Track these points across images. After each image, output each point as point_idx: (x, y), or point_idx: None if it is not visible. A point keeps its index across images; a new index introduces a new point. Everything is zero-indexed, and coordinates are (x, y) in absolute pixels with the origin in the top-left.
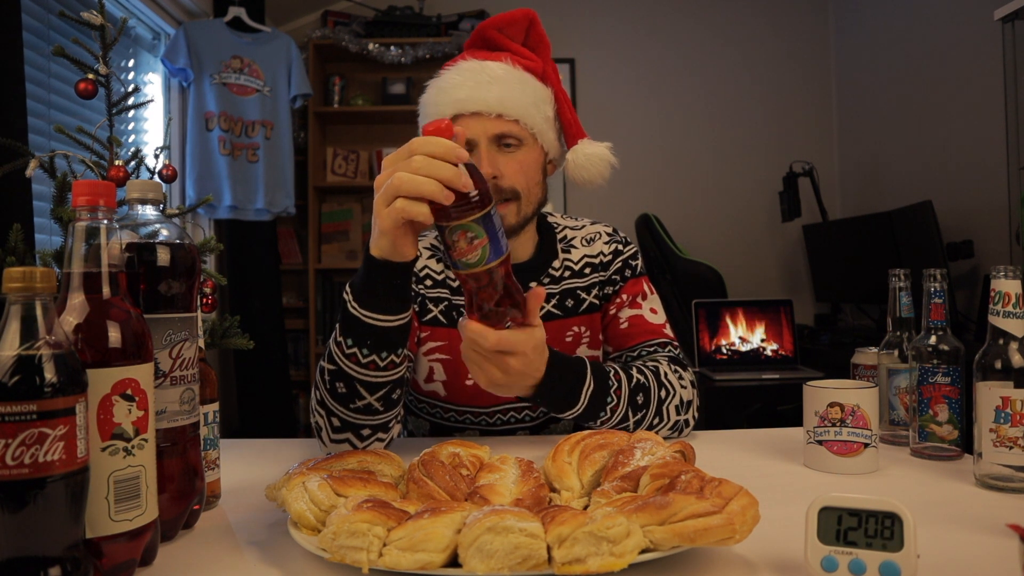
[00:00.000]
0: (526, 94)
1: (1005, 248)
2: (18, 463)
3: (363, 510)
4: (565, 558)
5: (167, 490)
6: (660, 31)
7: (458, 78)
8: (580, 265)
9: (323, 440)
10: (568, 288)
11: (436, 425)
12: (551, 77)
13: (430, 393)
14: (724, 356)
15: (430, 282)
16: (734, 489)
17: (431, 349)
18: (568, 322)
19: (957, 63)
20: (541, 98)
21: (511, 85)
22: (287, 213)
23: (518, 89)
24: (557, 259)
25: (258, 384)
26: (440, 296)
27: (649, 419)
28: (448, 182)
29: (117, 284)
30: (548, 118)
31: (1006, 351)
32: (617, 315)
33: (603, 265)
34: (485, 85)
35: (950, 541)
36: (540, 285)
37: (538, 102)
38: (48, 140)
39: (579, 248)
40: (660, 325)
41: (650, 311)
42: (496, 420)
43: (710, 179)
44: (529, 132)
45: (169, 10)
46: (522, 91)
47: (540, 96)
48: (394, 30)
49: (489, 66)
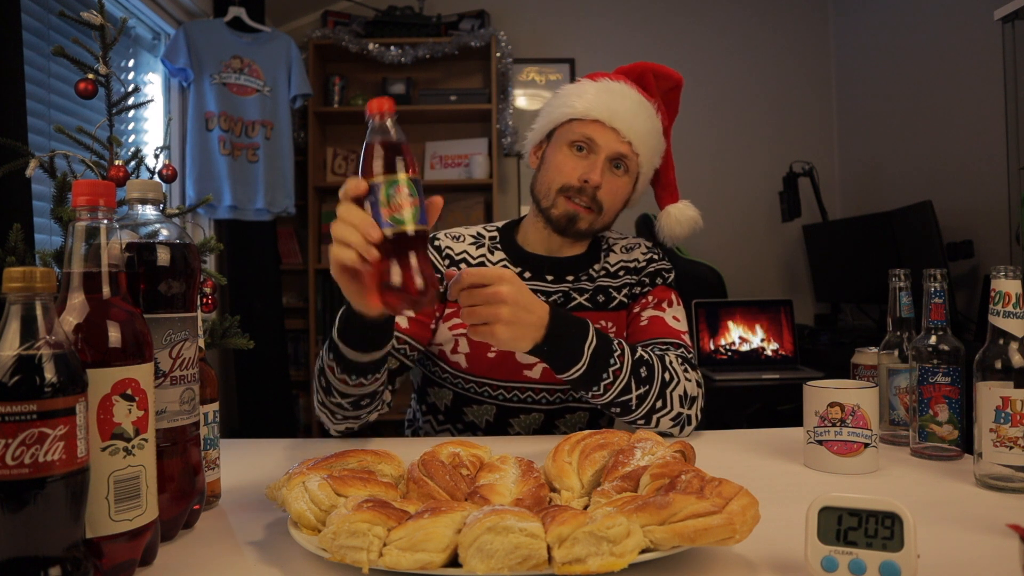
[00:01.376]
0: (653, 137)
1: (1005, 248)
2: (18, 463)
3: (363, 510)
4: (565, 558)
5: (167, 490)
6: (660, 31)
7: (618, 92)
8: (616, 268)
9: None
10: (601, 286)
11: (458, 395)
12: (669, 138)
13: (454, 364)
14: (724, 356)
15: (464, 266)
16: (734, 489)
17: (456, 324)
18: (597, 315)
19: (957, 63)
20: (659, 147)
21: (650, 126)
22: (287, 213)
23: (653, 132)
24: (598, 263)
25: (258, 384)
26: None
27: (652, 399)
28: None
29: (117, 284)
30: (654, 166)
31: (1006, 351)
32: (640, 313)
33: (636, 270)
34: (635, 113)
35: (950, 541)
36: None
37: (656, 149)
38: (48, 140)
39: (617, 254)
40: (679, 331)
41: (672, 318)
42: (513, 396)
43: (710, 179)
44: (637, 168)
45: (169, 10)
46: (654, 135)
47: (659, 146)
48: (394, 30)
49: (644, 101)
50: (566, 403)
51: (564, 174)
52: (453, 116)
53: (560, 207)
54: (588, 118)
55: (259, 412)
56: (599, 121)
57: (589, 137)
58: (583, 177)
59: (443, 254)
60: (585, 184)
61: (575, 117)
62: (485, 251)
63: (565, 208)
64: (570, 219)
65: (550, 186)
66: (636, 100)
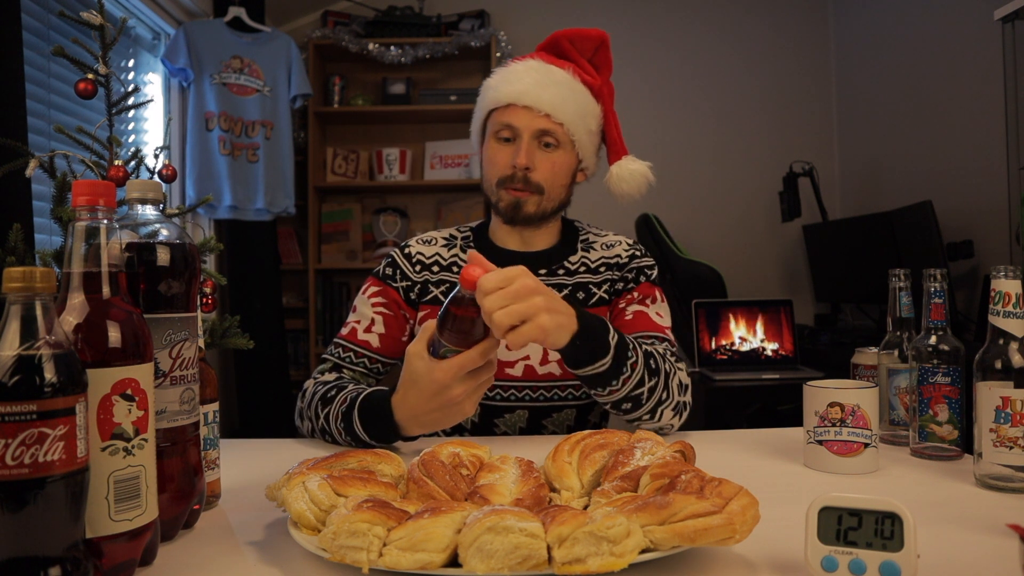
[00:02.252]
0: (577, 104)
1: (1005, 248)
2: (18, 463)
3: (363, 510)
4: (565, 558)
5: (167, 490)
6: (660, 31)
7: (523, 71)
8: (596, 264)
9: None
10: (581, 282)
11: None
12: (605, 97)
13: None
14: (724, 356)
15: (437, 268)
16: (734, 489)
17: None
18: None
19: (957, 63)
20: (590, 111)
21: (566, 92)
22: (287, 213)
23: (571, 98)
24: (575, 255)
25: (258, 384)
26: (444, 279)
27: (659, 392)
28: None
29: (117, 284)
30: (591, 132)
31: (1006, 351)
32: (624, 308)
33: (618, 266)
34: (543, 85)
35: (950, 541)
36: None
37: (586, 115)
38: (48, 140)
39: (598, 250)
40: (663, 327)
41: (656, 314)
42: (496, 395)
43: (710, 179)
44: (569, 137)
45: (169, 10)
46: (574, 100)
47: (589, 110)
48: (394, 30)
49: (553, 70)
50: (551, 401)
51: (497, 166)
52: (453, 116)
53: (504, 199)
54: (501, 105)
55: (259, 412)
56: (513, 104)
57: (507, 123)
58: (512, 163)
59: (413, 260)
60: (515, 170)
61: (492, 108)
62: (457, 251)
63: (508, 198)
64: (515, 207)
65: (490, 181)
66: (545, 72)
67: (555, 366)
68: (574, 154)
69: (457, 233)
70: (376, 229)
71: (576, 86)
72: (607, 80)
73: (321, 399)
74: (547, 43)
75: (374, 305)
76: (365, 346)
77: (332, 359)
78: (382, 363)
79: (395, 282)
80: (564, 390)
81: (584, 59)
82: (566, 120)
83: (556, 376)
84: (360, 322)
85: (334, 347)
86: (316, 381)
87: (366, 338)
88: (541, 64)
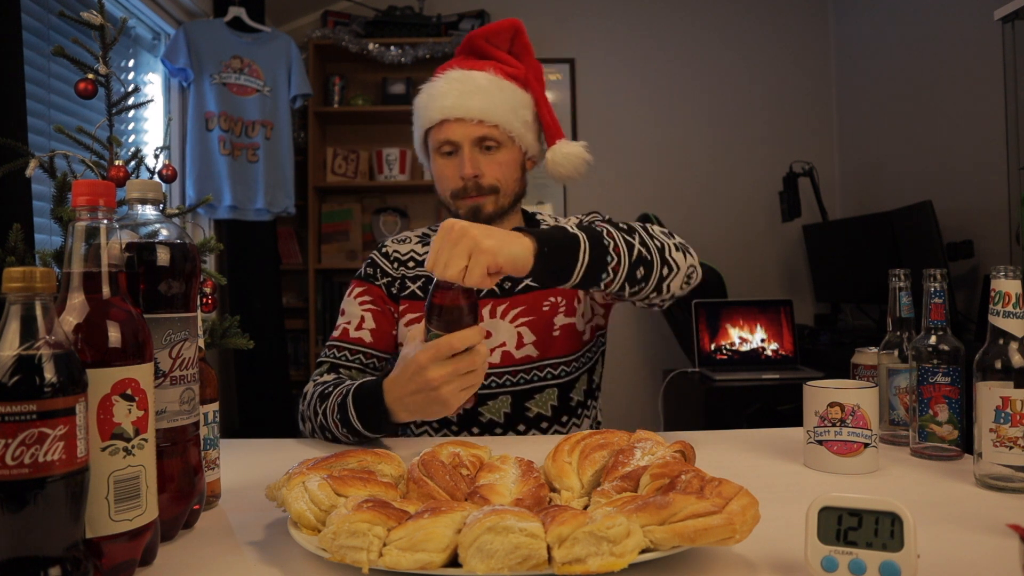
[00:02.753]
0: (506, 101)
1: (1005, 248)
2: (18, 463)
3: (363, 510)
4: (565, 558)
5: (167, 490)
6: (660, 31)
7: (445, 86)
8: None
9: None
10: None
11: None
12: (532, 83)
13: None
14: (724, 356)
15: (412, 264)
16: (734, 489)
17: (411, 321)
18: (545, 293)
19: (957, 63)
20: (521, 103)
21: (493, 93)
22: (287, 213)
23: (499, 97)
24: None
25: (258, 384)
26: (419, 274)
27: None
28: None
29: (117, 284)
30: (527, 121)
31: (1006, 351)
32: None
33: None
34: (469, 94)
35: (950, 541)
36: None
37: (517, 107)
38: (48, 140)
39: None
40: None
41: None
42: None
43: (710, 179)
44: (508, 135)
45: (169, 10)
46: (503, 98)
47: (520, 102)
48: (394, 30)
49: (474, 76)
50: (531, 383)
51: (447, 180)
52: None
53: (462, 207)
54: (435, 124)
55: (259, 412)
56: (445, 120)
57: (445, 139)
58: (459, 176)
59: (391, 258)
60: (465, 180)
61: (428, 128)
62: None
63: (465, 207)
64: (474, 212)
65: (444, 195)
66: (467, 80)
67: (531, 348)
68: (516, 148)
69: (430, 232)
70: (376, 229)
71: (501, 83)
72: (531, 64)
73: (319, 396)
74: (464, 46)
75: (361, 304)
76: (358, 343)
77: (328, 360)
78: (377, 357)
79: (377, 280)
80: (543, 370)
81: (503, 52)
82: (499, 120)
83: (534, 358)
84: (351, 322)
85: (328, 349)
86: (316, 383)
87: (358, 335)
88: (462, 73)
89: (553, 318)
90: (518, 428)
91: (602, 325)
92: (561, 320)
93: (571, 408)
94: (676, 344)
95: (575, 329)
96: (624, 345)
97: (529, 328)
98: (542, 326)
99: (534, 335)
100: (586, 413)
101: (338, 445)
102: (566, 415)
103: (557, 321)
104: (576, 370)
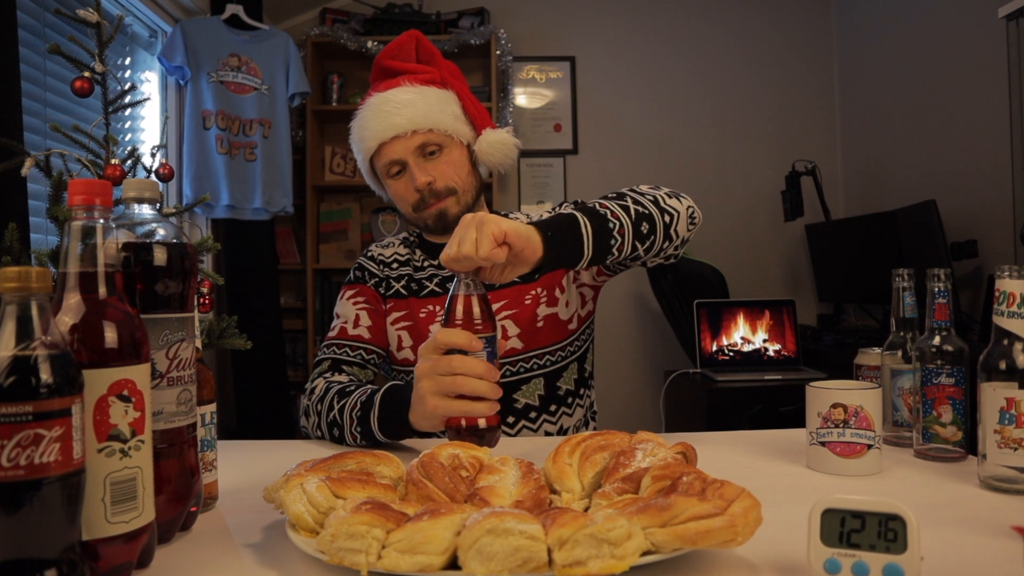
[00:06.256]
0: (431, 104)
1: (1009, 248)
2: (13, 464)
3: (362, 512)
4: (566, 560)
5: (164, 492)
6: (661, 29)
7: (370, 113)
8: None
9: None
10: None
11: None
12: (450, 80)
13: (403, 361)
14: (726, 357)
15: (396, 264)
16: (736, 491)
17: (396, 319)
18: (526, 287)
19: (961, 61)
20: (445, 101)
21: (416, 102)
22: (285, 212)
23: (423, 103)
24: None
25: (256, 385)
26: (402, 273)
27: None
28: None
29: (113, 284)
30: (457, 116)
31: (1011, 351)
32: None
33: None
34: (394, 112)
35: (954, 543)
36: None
37: (444, 105)
38: (44, 139)
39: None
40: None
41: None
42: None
43: (712, 178)
44: (445, 135)
45: (166, 7)
46: (426, 103)
47: (443, 100)
48: (393, 28)
49: (392, 93)
50: (517, 375)
51: (404, 199)
52: None
53: (428, 217)
54: (373, 151)
55: (257, 413)
56: (382, 144)
57: (389, 161)
58: (414, 190)
59: (377, 260)
60: (420, 192)
61: (369, 157)
62: (411, 249)
63: (431, 215)
64: (440, 217)
65: (407, 212)
66: (387, 101)
67: (516, 340)
68: (458, 143)
69: (410, 235)
70: (375, 228)
71: (420, 90)
72: (443, 65)
73: (339, 392)
74: (375, 73)
75: (355, 304)
76: (358, 339)
77: (329, 357)
78: (376, 353)
79: (367, 281)
80: (528, 361)
81: (412, 63)
82: (431, 124)
83: (519, 351)
84: (347, 322)
85: (327, 348)
86: (328, 380)
87: (357, 332)
88: (380, 96)
89: (536, 309)
90: (507, 420)
91: (591, 312)
92: (544, 311)
93: (559, 397)
94: (678, 345)
95: (559, 319)
96: (625, 346)
97: (513, 321)
98: (525, 319)
99: (518, 327)
100: (579, 403)
101: (338, 446)
102: (554, 404)
103: (540, 312)
104: (563, 359)
